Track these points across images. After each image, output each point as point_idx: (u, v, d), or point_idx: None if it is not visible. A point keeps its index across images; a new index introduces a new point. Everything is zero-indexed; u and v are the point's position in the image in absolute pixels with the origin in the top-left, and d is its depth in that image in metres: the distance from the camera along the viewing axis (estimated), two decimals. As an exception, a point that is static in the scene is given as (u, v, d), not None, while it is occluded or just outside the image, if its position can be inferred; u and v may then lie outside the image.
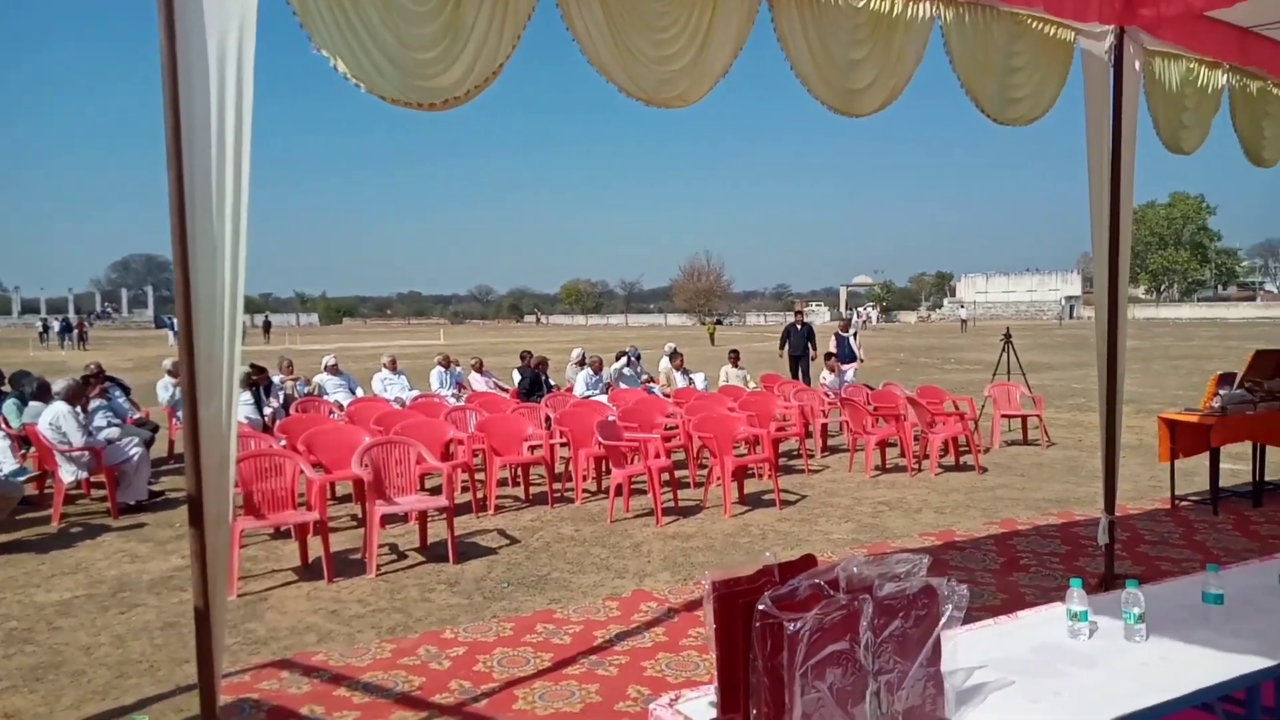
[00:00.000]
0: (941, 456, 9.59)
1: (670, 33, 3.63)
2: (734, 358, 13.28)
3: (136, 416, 9.78)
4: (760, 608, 2.00)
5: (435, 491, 7.52)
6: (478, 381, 12.66)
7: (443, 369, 12.33)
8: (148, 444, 8.65)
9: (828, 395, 11.52)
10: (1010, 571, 5.74)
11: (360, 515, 7.28)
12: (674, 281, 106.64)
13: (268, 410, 10.04)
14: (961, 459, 9.69)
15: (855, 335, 15.31)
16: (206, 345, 2.91)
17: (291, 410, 9.91)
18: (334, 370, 11.77)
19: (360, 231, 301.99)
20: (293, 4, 2.94)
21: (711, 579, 2.15)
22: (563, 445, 8.89)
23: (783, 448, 10.41)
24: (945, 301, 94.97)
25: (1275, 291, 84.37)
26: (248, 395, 9.87)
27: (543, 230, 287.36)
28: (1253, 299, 79.89)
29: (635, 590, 5.56)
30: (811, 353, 14.94)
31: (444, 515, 6.53)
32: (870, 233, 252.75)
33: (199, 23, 2.79)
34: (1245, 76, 5.47)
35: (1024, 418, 11.25)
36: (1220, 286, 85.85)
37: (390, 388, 11.92)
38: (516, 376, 11.93)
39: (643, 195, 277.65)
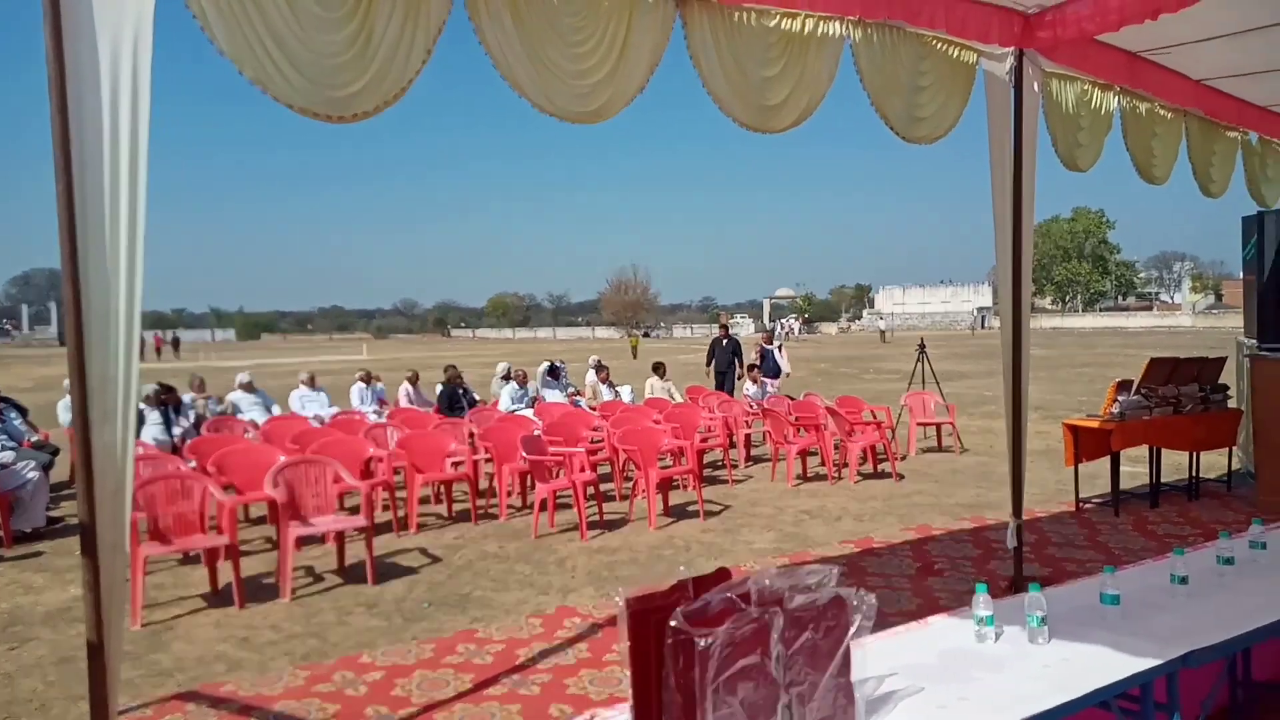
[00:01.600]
0: (860, 464, 9.80)
1: (585, 47, 3.62)
2: (659, 370, 13.34)
3: (34, 439, 9.28)
4: (672, 624, 2.00)
5: (354, 511, 7.32)
6: (407, 396, 12.39)
7: (363, 385, 12.05)
8: (46, 468, 8.21)
9: (751, 406, 11.66)
10: (925, 576, 5.89)
11: (275, 538, 7.05)
12: (602, 294, 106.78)
13: (177, 430, 9.64)
14: (880, 466, 9.92)
15: (780, 348, 14.76)
16: (100, 366, 2.77)
17: (203, 430, 9.54)
18: (249, 388, 11.38)
19: (280, 245, 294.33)
20: (191, 8, 2.84)
21: (625, 596, 2.15)
22: (487, 461, 8.79)
23: (707, 459, 10.50)
24: (864, 313, 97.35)
25: (1169, 301, 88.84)
26: (156, 415, 9.48)
27: (470, 243, 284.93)
28: (1150, 308, 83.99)
29: (559, 606, 5.51)
30: (738, 369, 14.52)
31: (363, 535, 6.37)
32: (792, 246, 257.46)
33: (89, 24, 2.66)
34: (1135, 98, 5.76)
35: (938, 425, 11.58)
36: (1120, 297, 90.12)
37: (309, 405, 11.59)
38: (439, 391, 11.74)
39: (571, 208, 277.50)
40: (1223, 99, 6.37)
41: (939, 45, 4.73)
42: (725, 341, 14.83)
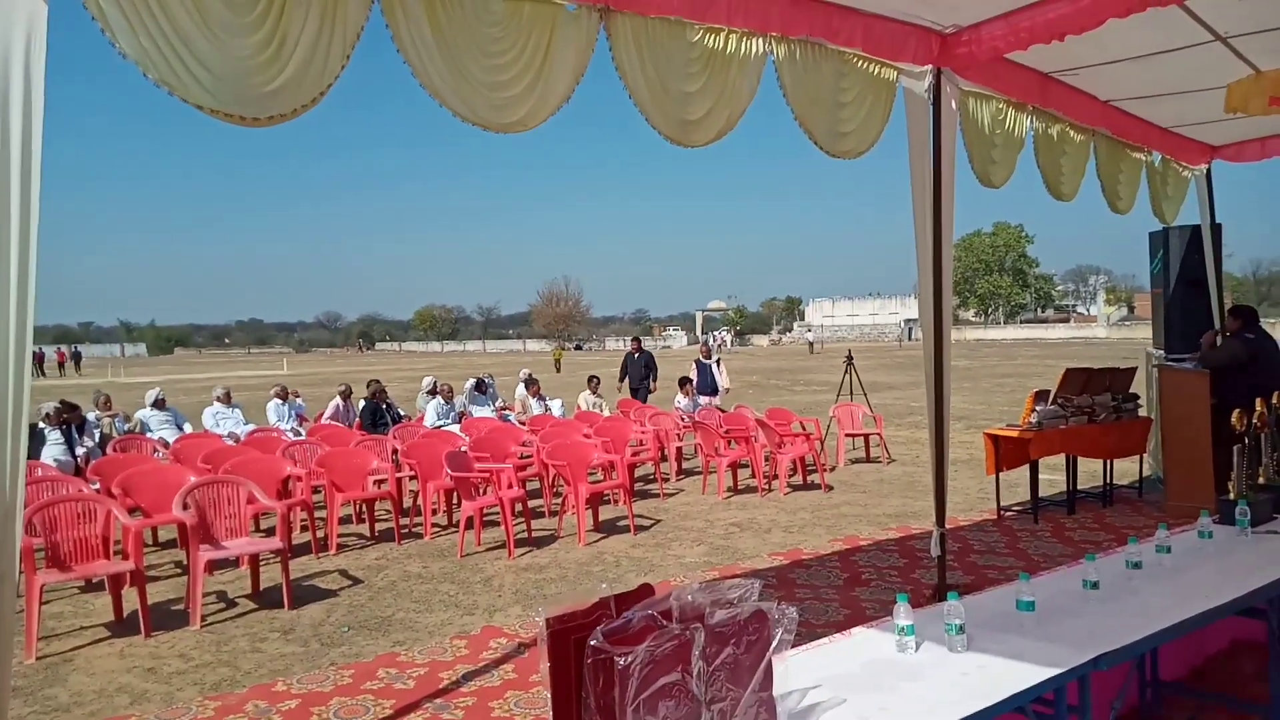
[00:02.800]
0: (790, 476, 9.88)
1: (507, 57, 3.57)
2: (592, 384, 13.27)
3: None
4: (592, 643, 1.95)
5: (271, 533, 7.07)
6: (336, 410, 12.03)
7: (281, 401, 11.68)
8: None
9: (682, 419, 11.68)
10: (853, 587, 5.94)
11: (185, 562, 6.74)
12: (533, 307, 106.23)
13: (80, 450, 9.18)
14: (809, 478, 10.02)
15: (719, 362, 13.56)
16: (-15, 384, 2.59)
17: (109, 450, 9.10)
18: (159, 405, 10.93)
19: (196, 256, 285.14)
20: (90, 9, 2.70)
21: (546, 615, 2.09)
22: (411, 478, 8.59)
23: (639, 472, 10.47)
24: (795, 325, 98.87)
25: (1086, 314, 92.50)
26: (57, 434, 9.02)
27: (396, 255, 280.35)
28: (1067, 320, 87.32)
29: (485, 626, 5.39)
30: (651, 385, 13.88)
31: (278, 558, 6.14)
32: (725, 258, 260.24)
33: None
34: (1046, 118, 5.96)
35: (866, 436, 11.78)
36: (1039, 309, 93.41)
37: (223, 422, 11.17)
38: (361, 406, 11.45)
39: (501, 220, 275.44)
40: (1128, 119, 6.65)
41: (860, 63, 4.81)
42: (637, 355, 14.14)
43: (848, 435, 11.65)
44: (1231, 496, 4.25)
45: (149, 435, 10.16)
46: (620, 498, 8.56)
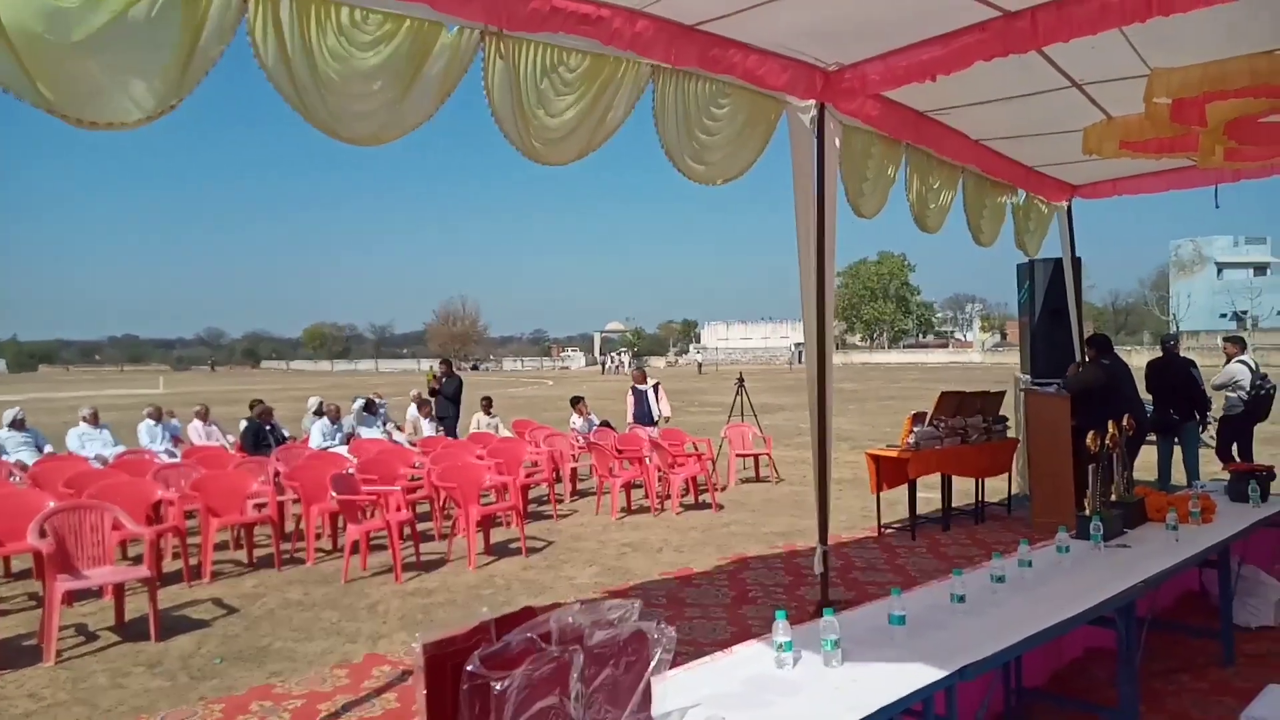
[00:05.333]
0: (683, 496, 9.99)
1: (373, 71, 3.50)
2: (485, 404, 13.11)
3: None
4: (469, 669, 1.93)
5: (140, 560, 6.68)
6: (198, 433, 11.51)
7: (153, 422, 11.08)
8: None
9: (578, 440, 11.66)
10: (740, 604, 6.04)
11: (43, 593, 6.29)
12: (428, 326, 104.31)
13: (-76, 474, 8.46)
14: (701, 497, 10.15)
15: (657, 387, 11.78)
16: None
17: (-44, 474, 8.42)
18: (18, 425, 10.20)
19: (62, 269, 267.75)
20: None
21: (422, 642, 2.05)
22: (295, 502, 8.28)
23: (533, 493, 10.39)
24: (691, 347, 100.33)
25: (963, 339, 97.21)
26: (-104, 457, 8.29)
27: (282, 270, 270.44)
28: (946, 345, 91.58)
29: (368, 654, 5.22)
30: (457, 412, 12.63)
31: (146, 586, 5.80)
32: (623, 281, 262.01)
33: None
34: (919, 154, 6.29)
35: (756, 456, 12.03)
36: (920, 335, 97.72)
37: (89, 444, 10.52)
38: (243, 427, 10.98)
39: (394, 238, 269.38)
40: (996, 158, 7.07)
41: (740, 94, 4.96)
42: (445, 381, 12.68)
43: (738, 455, 11.88)
44: (1087, 513, 4.54)
45: (4, 458, 9.45)
46: (513, 520, 8.46)
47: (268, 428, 10.49)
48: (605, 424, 12.35)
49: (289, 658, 5.20)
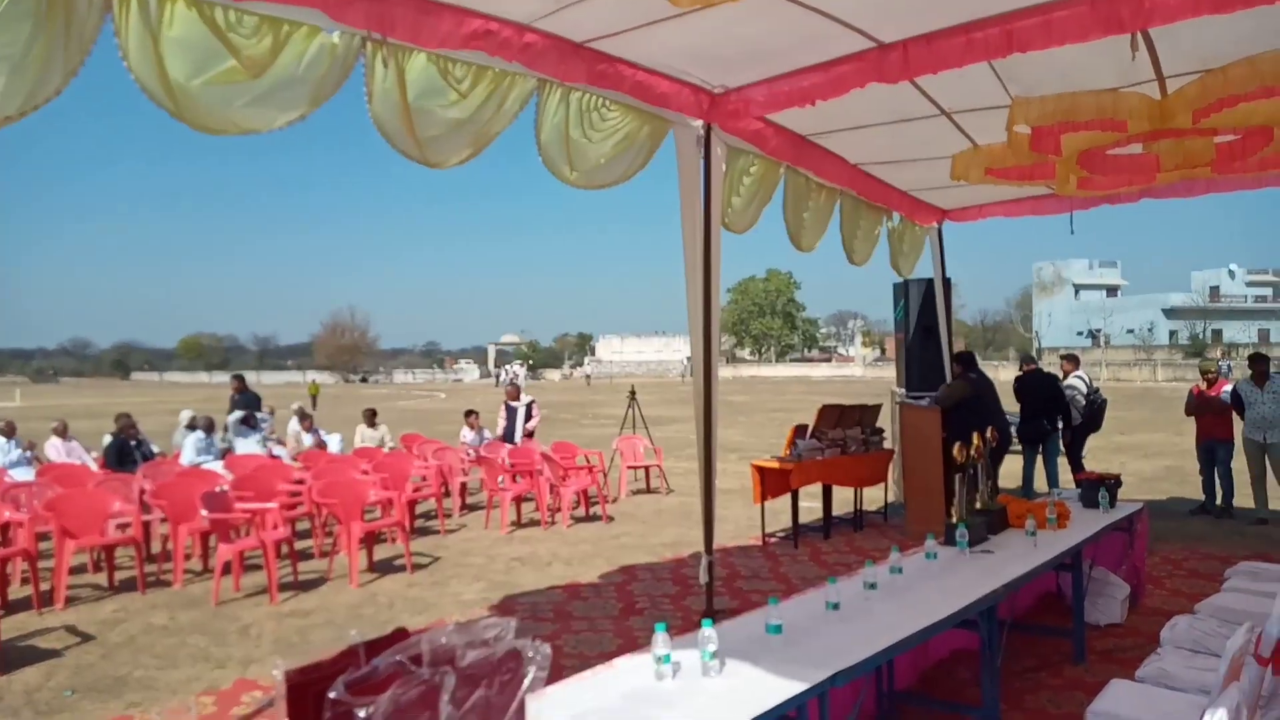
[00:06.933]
0: (574, 509, 9.97)
1: (245, 60, 3.39)
2: (369, 417, 12.73)
3: None
4: (331, 695, 1.87)
5: (-19, 587, 6.19)
6: (56, 450, 10.75)
7: (4, 438, 10.29)
8: None
9: (468, 454, 11.47)
10: (627, 616, 6.06)
11: None
12: (315, 337, 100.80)
13: None
14: (591, 510, 10.15)
15: (531, 406, 11.93)
16: None
17: None
18: None
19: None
20: None
21: (284, 669, 1.98)
22: (163, 521, 7.84)
23: (421, 508, 10.16)
24: (586, 360, 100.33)
25: (845, 354, 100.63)
26: None
27: (155, 278, 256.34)
28: (829, 360, 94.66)
29: (238, 679, 4.99)
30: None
31: (-11, 616, 5.38)
32: (518, 293, 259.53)
33: None
34: (799, 176, 6.50)
35: (647, 468, 12.12)
36: (806, 349, 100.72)
37: (-73, 462, 9.68)
38: (106, 442, 10.33)
39: (282, 245, 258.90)
40: (873, 182, 7.38)
41: (627, 110, 5.01)
42: (238, 397, 11.77)
43: (630, 467, 11.94)
44: (954, 520, 4.77)
45: None
46: (398, 536, 8.25)
47: (133, 443, 9.90)
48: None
49: (150, 687, 4.90)
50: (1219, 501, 9.44)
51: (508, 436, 11.66)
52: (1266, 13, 3.75)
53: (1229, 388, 9.61)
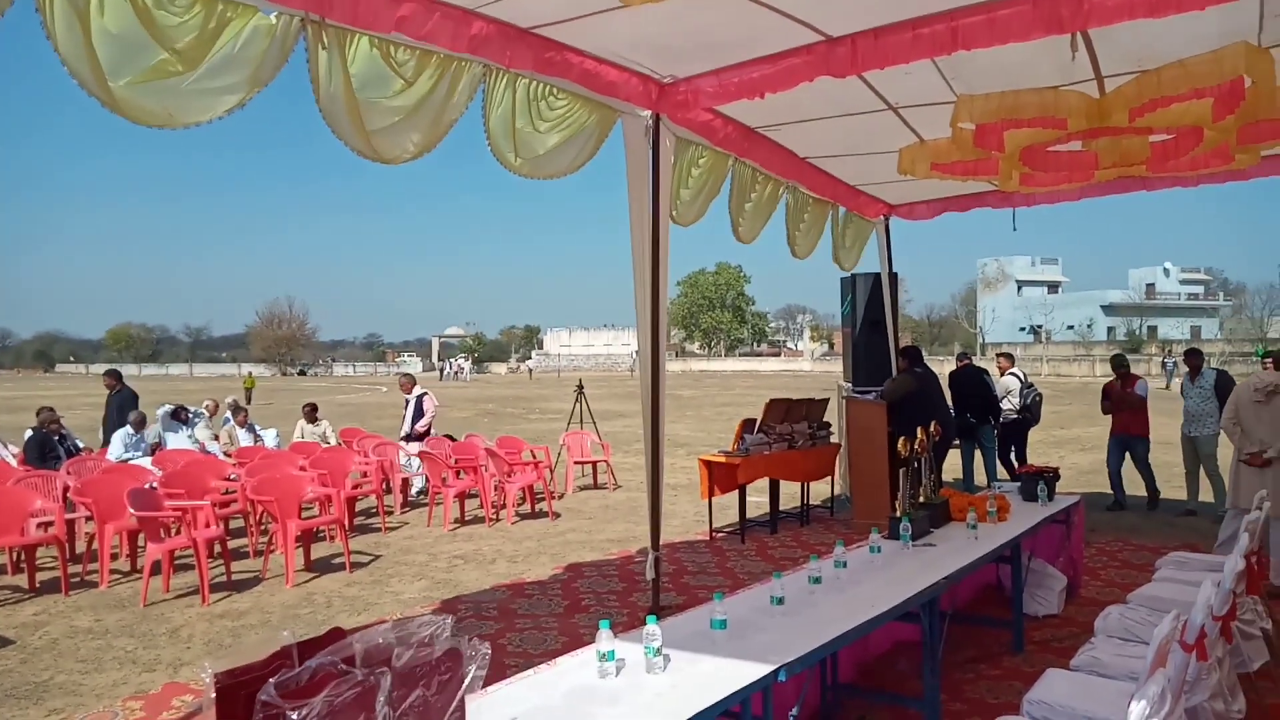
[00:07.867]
0: (520, 505, 9.86)
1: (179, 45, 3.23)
2: (309, 412, 12.42)
3: None
4: (262, 698, 1.78)
5: (-111, 590, 5.86)
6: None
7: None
8: None
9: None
10: (573, 613, 6.00)
11: None
12: (250, 328, 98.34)
13: None
14: (537, 506, 10.05)
15: (423, 400, 11.24)
16: None
17: None
18: None
19: None
20: None
21: (213, 670, 1.88)
22: (88, 519, 7.53)
23: (361, 505, 9.95)
24: (534, 353, 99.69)
25: (794, 349, 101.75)
26: None
27: (81, 266, 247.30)
28: (778, 354, 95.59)
29: (167, 683, 4.81)
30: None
31: (-103, 621, 5.10)
32: (463, 285, 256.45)
33: None
34: (745, 168, 6.50)
35: (594, 463, 12.06)
36: (755, 343, 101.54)
37: None
38: (27, 437, 9.90)
39: (216, 233, 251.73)
40: (820, 175, 7.41)
41: (575, 99, 4.93)
42: (116, 393, 10.91)
43: (576, 463, 11.86)
44: (898, 514, 4.81)
45: None
46: (337, 534, 8.06)
47: (56, 438, 9.50)
48: (449, 436, 11.98)
49: (73, 692, 4.70)
50: (1146, 494, 9.66)
51: (409, 435, 11.04)
52: (1198, 17, 3.84)
53: (1144, 383, 9.82)
